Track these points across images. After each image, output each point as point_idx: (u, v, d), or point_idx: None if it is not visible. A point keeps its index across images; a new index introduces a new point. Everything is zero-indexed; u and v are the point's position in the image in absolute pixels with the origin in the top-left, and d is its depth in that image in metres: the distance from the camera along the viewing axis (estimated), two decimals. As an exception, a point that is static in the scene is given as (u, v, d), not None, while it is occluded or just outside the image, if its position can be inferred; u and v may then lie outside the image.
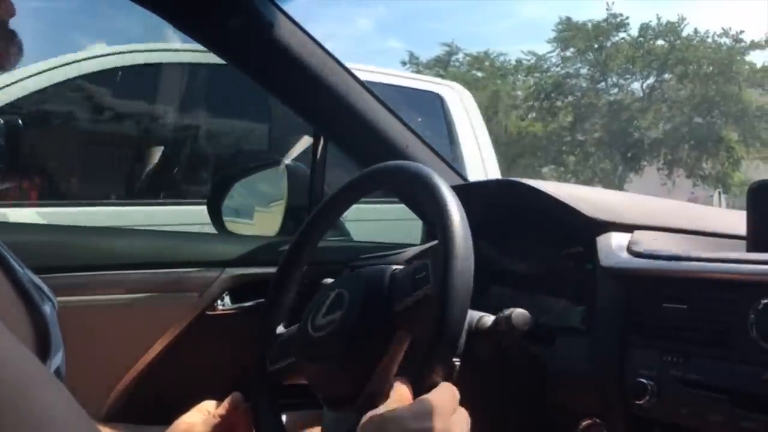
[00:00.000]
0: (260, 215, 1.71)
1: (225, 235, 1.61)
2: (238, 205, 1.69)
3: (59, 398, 0.43)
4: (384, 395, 0.70)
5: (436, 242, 0.73)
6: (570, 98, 17.95)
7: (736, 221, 1.01)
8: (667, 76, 17.19)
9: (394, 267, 0.82)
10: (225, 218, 1.63)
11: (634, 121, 17.04)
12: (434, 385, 0.65)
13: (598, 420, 0.91)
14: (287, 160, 1.60)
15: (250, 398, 0.92)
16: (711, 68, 16.51)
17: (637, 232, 0.96)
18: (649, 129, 16.95)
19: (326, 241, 1.05)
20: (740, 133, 16.53)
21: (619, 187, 16.15)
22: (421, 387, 0.66)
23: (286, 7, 1.23)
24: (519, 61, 18.32)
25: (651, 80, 17.42)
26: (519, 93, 18.30)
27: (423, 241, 1.44)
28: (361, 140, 1.38)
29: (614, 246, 0.93)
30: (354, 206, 0.95)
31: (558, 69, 17.82)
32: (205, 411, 0.87)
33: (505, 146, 16.72)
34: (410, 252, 1.29)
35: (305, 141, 1.52)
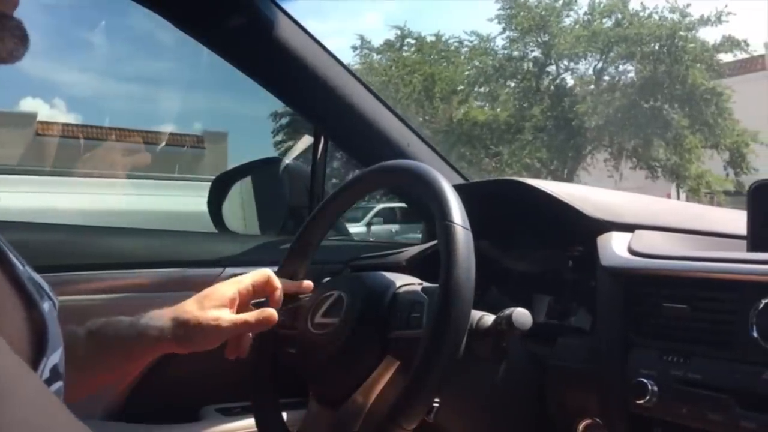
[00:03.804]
0: (261, 214, 1.71)
1: (225, 234, 1.61)
2: (239, 204, 1.69)
3: (41, 405, 0.43)
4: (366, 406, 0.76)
5: (435, 282, 0.76)
6: (512, 82, 16.32)
7: (737, 221, 1.02)
8: (613, 56, 15.39)
9: (398, 285, 0.83)
10: (225, 217, 1.63)
11: (574, 107, 15.28)
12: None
13: (598, 419, 0.91)
14: (288, 160, 1.60)
15: (252, 395, 0.92)
16: (657, 47, 14.70)
17: (637, 232, 0.96)
18: (588, 114, 15.12)
19: (326, 240, 1.05)
20: (688, 119, 14.70)
21: (569, 179, 14.84)
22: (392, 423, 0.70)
23: (288, 6, 1.23)
24: (461, 42, 16.53)
25: (600, 63, 15.68)
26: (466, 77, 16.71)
27: (423, 240, 1.44)
28: (362, 139, 1.38)
29: (615, 246, 0.93)
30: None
31: (506, 51, 16.07)
32: (238, 281, 0.88)
33: (444, 134, 15.54)
34: (411, 252, 1.29)
35: (306, 140, 1.52)
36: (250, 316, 0.84)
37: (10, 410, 0.39)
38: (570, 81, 16.24)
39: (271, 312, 0.85)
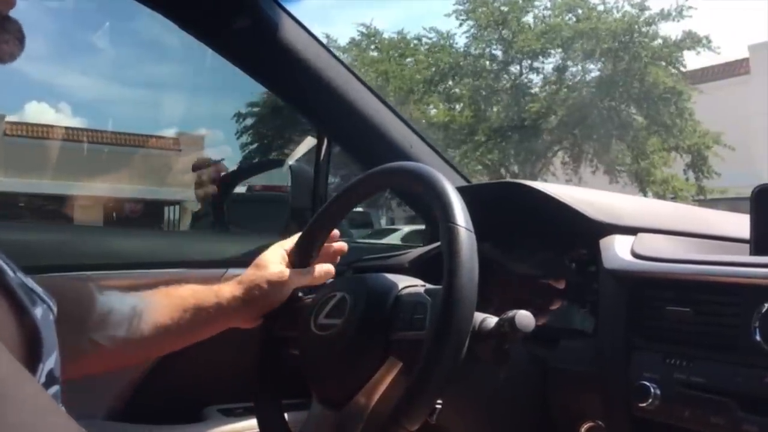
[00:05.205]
0: (264, 216, 1.71)
1: (228, 234, 1.61)
2: (242, 205, 1.69)
3: (37, 403, 0.43)
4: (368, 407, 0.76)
5: (438, 281, 0.76)
6: (471, 81, 15.26)
7: (739, 224, 1.02)
8: (572, 54, 14.35)
9: (401, 286, 0.83)
10: (228, 218, 1.63)
11: (527, 106, 14.32)
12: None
13: (600, 422, 0.91)
14: (291, 161, 1.60)
15: (254, 395, 0.92)
16: (617, 44, 13.62)
17: (640, 235, 0.96)
18: (542, 115, 14.10)
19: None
20: (646, 119, 13.73)
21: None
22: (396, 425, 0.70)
23: (293, 9, 1.23)
24: (419, 40, 15.55)
25: (561, 61, 14.66)
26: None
27: (426, 242, 1.44)
28: (364, 141, 1.38)
29: (618, 248, 0.93)
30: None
31: (468, 49, 15.18)
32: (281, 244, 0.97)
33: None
34: (413, 254, 1.29)
35: (309, 142, 1.52)
36: (314, 269, 0.95)
37: (5, 413, 0.39)
38: (536, 80, 15.36)
39: (330, 267, 0.97)
